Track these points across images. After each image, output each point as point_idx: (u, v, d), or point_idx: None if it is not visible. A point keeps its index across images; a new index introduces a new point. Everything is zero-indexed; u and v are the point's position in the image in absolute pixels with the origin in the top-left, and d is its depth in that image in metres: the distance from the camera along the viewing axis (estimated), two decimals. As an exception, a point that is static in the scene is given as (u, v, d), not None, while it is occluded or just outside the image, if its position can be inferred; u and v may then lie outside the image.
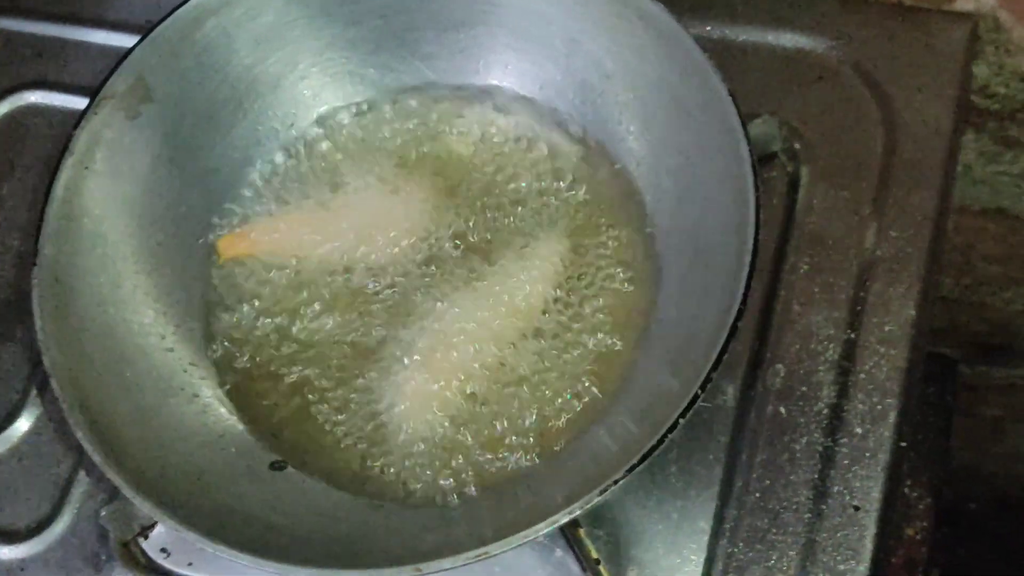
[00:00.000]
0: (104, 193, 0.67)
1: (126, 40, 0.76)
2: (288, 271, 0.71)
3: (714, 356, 0.56)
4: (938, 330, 1.14)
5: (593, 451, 0.62)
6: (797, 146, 0.75)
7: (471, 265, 0.69)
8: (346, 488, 0.65)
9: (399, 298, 0.69)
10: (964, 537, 1.46)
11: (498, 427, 0.65)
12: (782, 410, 0.69)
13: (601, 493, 0.55)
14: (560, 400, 0.65)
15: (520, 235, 0.70)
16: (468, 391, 0.66)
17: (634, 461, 0.55)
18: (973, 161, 0.92)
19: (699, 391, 0.56)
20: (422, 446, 0.65)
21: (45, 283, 0.63)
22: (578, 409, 0.65)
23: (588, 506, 0.54)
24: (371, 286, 0.69)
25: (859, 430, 0.68)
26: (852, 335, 0.70)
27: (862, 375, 0.69)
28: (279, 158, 0.74)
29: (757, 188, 0.59)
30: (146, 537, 0.71)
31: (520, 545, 0.54)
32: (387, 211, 0.71)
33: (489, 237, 0.70)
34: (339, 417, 0.67)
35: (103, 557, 0.71)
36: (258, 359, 0.69)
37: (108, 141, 0.67)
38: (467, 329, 0.67)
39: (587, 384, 0.65)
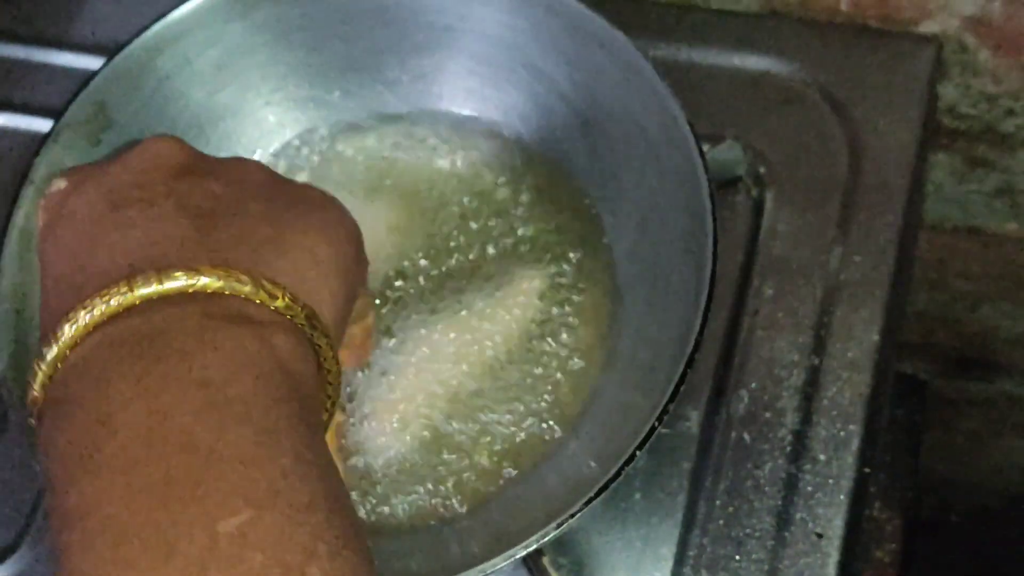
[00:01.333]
0: (64, 222, 0.66)
1: (92, 62, 0.75)
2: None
3: (671, 388, 0.56)
4: (914, 345, 1.14)
5: (551, 484, 0.62)
6: (762, 170, 0.75)
7: (436, 294, 0.69)
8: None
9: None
10: (944, 548, 1.46)
11: (453, 463, 0.65)
12: (746, 436, 0.69)
13: (558, 527, 0.54)
14: (519, 430, 0.65)
15: (485, 264, 0.69)
16: (421, 428, 0.65)
17: (591, 495, 0.55)
18: (944, 180, 0.92)
19: (656, 423, 0.55)
20: (373, 478, 0.65)
21: (6, 313, 0.63)
22: (536, 440, 0.65)
23: (545, 540, 0.54)
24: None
25: (823, 456, 0.68)
26: (816, 361, 0.70)
27: (825, 401, 0.69)
28: (241, 185, 0.73)
29: (715, 219, 0.59)
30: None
31: (479, 577, 0.54)
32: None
33: (454, 265, 0.69)
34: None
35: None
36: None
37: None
38: (429, 360, 0.66)
39: (546, 414, 0.65)
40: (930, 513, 1.47)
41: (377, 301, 0.68)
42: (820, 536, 0.66)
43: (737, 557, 0.66)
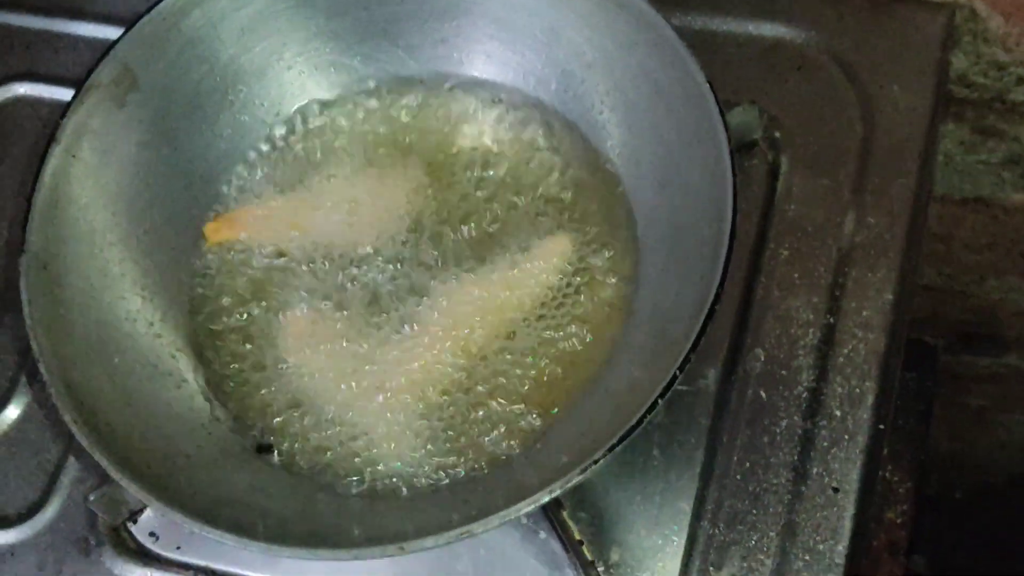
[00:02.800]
0: (91, 181, 0.68)
1: (114, 32, 0.76)
2: (273, 258, 0.72)
3: (693, 337, 0.57)
4: (921, 319, 1.15)
5: (573, 434, 0.63)
6: (777, 134, 0.76)
7: (458, 256, 0.70)
8: (327, 474, 0.66)
9: (384, 286, 0.70)
10: (949, 525, 1.47)
11: (481, 412, 0.66)
12: (762, 394, 0.70)
13: (581, 472, 0.55)
14: (541, 386, 0.66)
15: (507, 225, 0.70)
16: (451, 378, 0.67)
17: (613, 442, 0.56)
18: (953, 150, 0.93)
19: (678, 372, 0.56)
20: (407, 432, 0.66)
21: (32, 270, 0.64)
22: (561, 396, 0.66)
23: (569, 485, 0.55)
24: (355, 273, 0.70)
25: (838, 412, 0.69)
26: (831, 320, 0.71)
27: (841, 359, 0.70)
28: (265, 146, 0.74)
29: (735, 174, 0.60)
30: (135, 521, 0.72)
31: (502, 524, 0.55)
32: (371, 200, 0.72)
33: (473, 228, 0.70)
34: (321, 403, 0.67)
35: (92, 542, 0.72)
36: (240, 347, 0.69)
37: (95, 130, 0.68)
38: (453, 318, 0.67)
39: (567, 369, 0.66)
40: (934, 491, 1.48)
41: (404, 265, 0.69)
42: (836, 490, 0.67)
43: (754, 511, 0.67)
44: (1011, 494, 1.46)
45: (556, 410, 0.65)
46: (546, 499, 0.55)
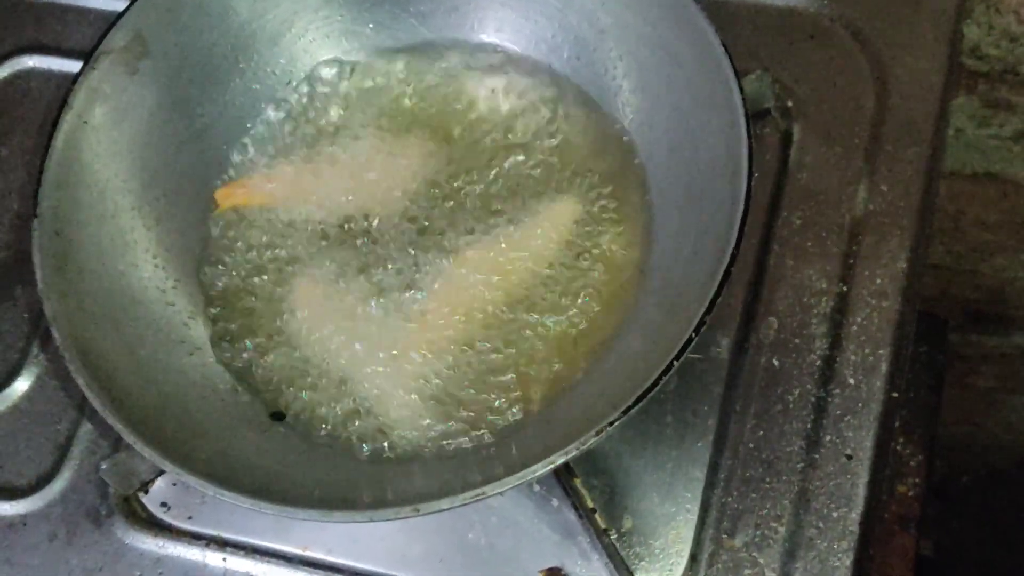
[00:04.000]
0: (103, 147, 0.68)
1: (122, 4, 0.76)
2: (283, 225, 0.71)
3: (708, 298, 0.56)
4: (930, 298, 1.15)
5: (587, 398, 0.63)
6: (789, 103, 0.75)
7: (472, 218, 0.70)
8: (339, 440, 0.66)
9: (394, 253, 0.69)
10: (956, 510, 1.47)
11: (492, 377, 0.65)
12: (775, 362, 0.69)
13: (597, 434, 0.55)
14: (554, 350, 0.66)
15: (520, 189, 0.70)
16: (462, 344, 0.66)
17: (629, 403, 0.56)
18: (964, 124, 0.93)
19: (693, 334, 0.56)
20: (418, 397, 0.66)
21: (45, 235, 0.64)
22: (575, 360, 0.65)
23: (584, 447, 0.55)
24: (365, 239, 0.70)
25: (851, 381, 0.68)
26: (844, 288, 0.70)
27: (854, 327, 0.70)
28: (277, 113, 0.74)
29: (750, 136, 0.60)
30: (146, 491, 0.72)
31: (517, 486, 0.55)
32: (383, 165, 0.72)
33: (489, 190, 0.70)
34: (332, 370, 0.67)
35: (103, 512, 0.72)
36: (252, 314, 0.69)
37: (106, 96, 0.68)
38: (464, 283, 0.67)
39: (582, 333, 0.66)
40: (941, 474, 1.48)
41: (416, 229, 0.69)
42: (850, 458, 0.67)
43: (767, 479, 0.67)
44: (1019, 478, 1.46)
45: (569, 374, 0.65)
46: (561, 460, 0.55)
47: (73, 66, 0.84)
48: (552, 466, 0.55)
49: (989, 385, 1.32)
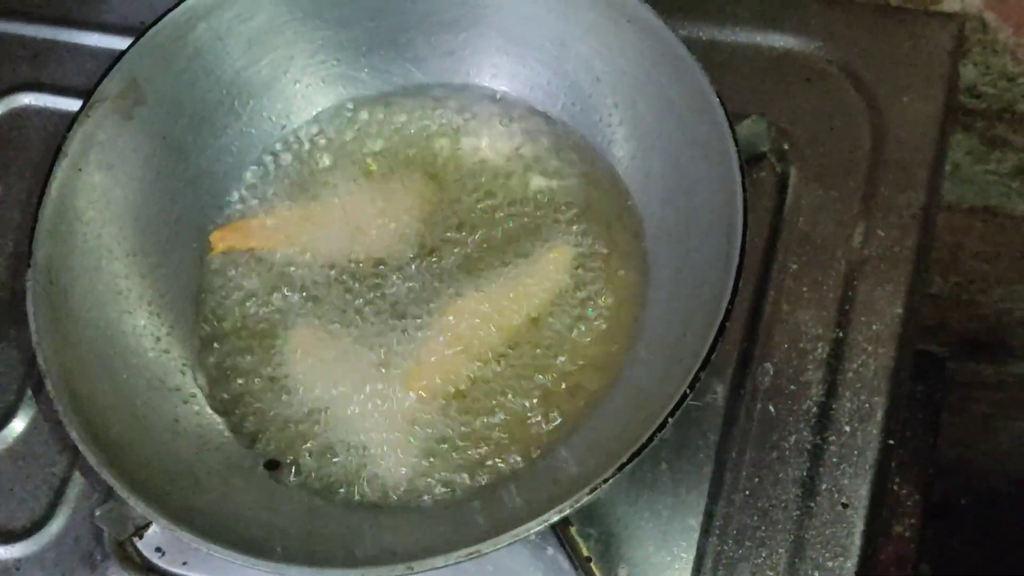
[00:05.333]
0: (98, 195, 0.68)
1: (120, 43, 0.76)
2: (279, 270, 0.71)
3: (703, 355, 0.56)
4: (927, 328, 1.15)
5: (582, 450, 0.62)
6: (786, 146, 0.75)
7: (464, 267, 0.70)
8: (335, 489, 0.66)
9: (390, 298, 0.69)
10: (955, 532, 1.47)
11: (488, 426, 0.65)
12: (771, 408, 0.69)
13: (591, 492, 0.55)
14: (549, 400, 0.66)
15: (513, 237, 0.70)
16: (453, 395, 0.66)
17: (623, 460, 0.56)
18: (961, 160, 0.93)
19: (688, 390, 0.56)
20: (414, 446, 0.66)
21: (39, 285, 0.64)
22: (568, 410, 0.65)
23: (578, 505, 0.55)
24: (361, 285, 0.70)
25: (847, 428, 0.68)
26: (840, 334, 0.70)
27: (850, 373, 0.69)
28: (272, 159, 0.74)
29: (744, 188, 0.60)
30: (141, 536, 0.71)
31: (511, 543, 0.55)
32: (378, 212, 0.72)
33: (481, 238, 0.70)
34: (328, 418, 0.67)
35: (98, 557, 0.71)
36: (247, 361, 0.69)
37: (101, 143, 0.68)
38: (458, 331, 0.67)
39: (577, 385, 0.66)
40: (939, 497, 1.48)
41: (410, 275, 0.69)
42: (845, 506, 0.67)
43: (763, 527, 0.67)
44: (1016, 501, 1.46)
45: (563, 425, 0.65)
46: (556, 518, 0.55)
47: (69, 104, 0.85)
48: (548, 523, 0.55)
49: (987, 411, 1.32)
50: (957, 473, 1.48)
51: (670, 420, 0.56)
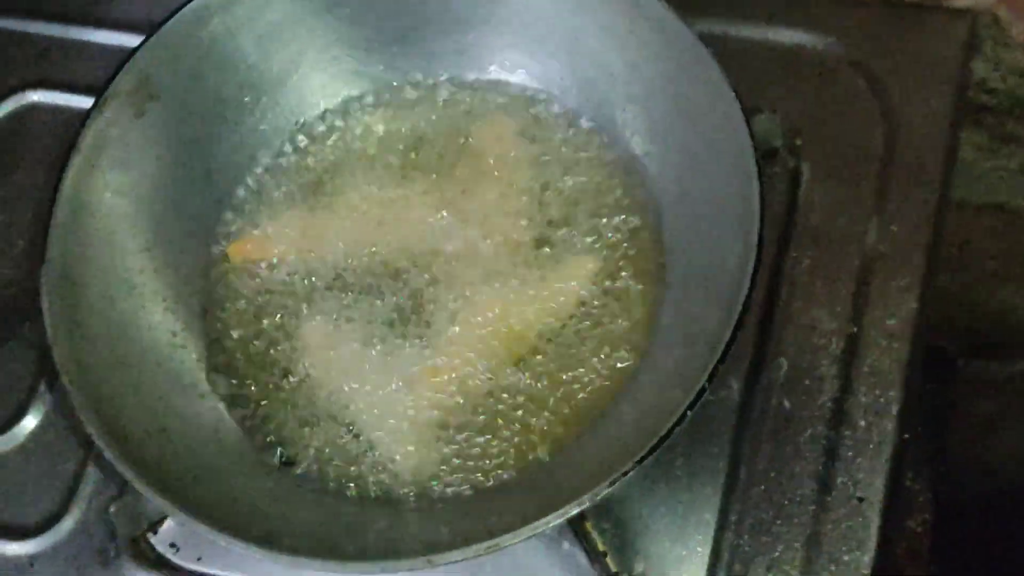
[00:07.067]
0: (111, 191, 0.67)
1: (129, 40, 0.76)
2: (294, 267, 0.71)
3: (721, 348, 0.56)
4: (934, 325, 1.14)
5: (601, 445, 0.62)
6: (798, 142, 0.75)
7: (479, 267, 0.69)
8: (351, 485, 0.66)
9: (408, 297, 0.69)
10: (960, 533, 1.46)
11: (504, 423, 0.65)
12: (786, 403, 0.69)
13: (611, 484, 0.55)
14: (568, 397, 0.65)
15: (531, 237, 0.70)
16: (474, 390, 0.66)
17: (642, 453, 0.55)
18: (971, 156, 0.92)
19: (706, 383, 0.56)
20: (430, 443, 0.66)
21: (53, 280, 0.64)
22: (586, 408, 0.65)
23: (598, 497, 0.55)
24: (378, 283, 0.70)
25: (862, 423, 0.68)
26: (854, 329, 0.70)
27: (865, 368, 0.69)
28: (286, 155, 0.74)
29: (761, 183, 0.59)
30: (155, 532, 0.71)
31: (531, 537, 0.55)
32: (392, 210, 0.71)
33: (496, 239, 0.70)
34: (344, 415, 0.67)
35: (112, 553, 0.71)
36: (262, 358, 0.69)
37: (114, 139, 0.67)
38: (477, 330, 0.67)
39: (594, 381, 0.66)
40: (945, 499, 1.47)
41: (426, 276, 0.69)
42: (861, 500, 0.67)
43: (779, 521, 0.67)
44: (1021, 502, 1.46)
45: (581, 422, 0.65)
46: (574, 512, 0.55)
47: (78, 101, 0.85)
48: (566, 516, 0.55)
49: (993, 410, 1.32)
50: (963, 474, 1.48)
51: (688, 413, 0.56)
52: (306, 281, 0.71)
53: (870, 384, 0.69)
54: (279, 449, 0.67)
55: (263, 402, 0.68)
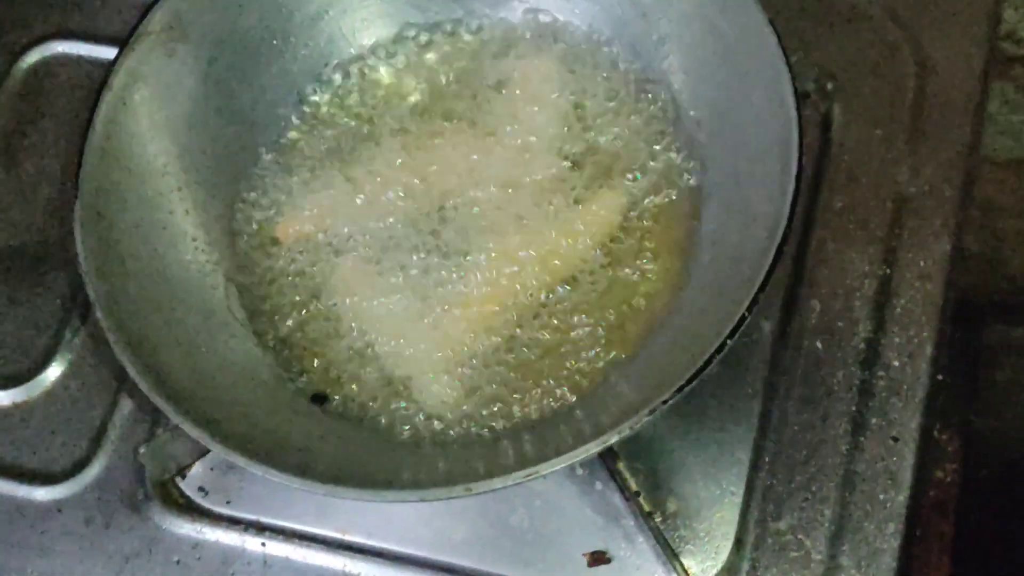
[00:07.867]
0: (142, 129, 0.67)
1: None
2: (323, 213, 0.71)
3: (761, 277, 0.56)
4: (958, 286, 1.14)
5: (636, 379, 0.62)
6: (829, 86, 0.75)
7: (511, 206, 0.69)
8: (383, 421, 0.65)
9: (439, 236, 0.69)
10: (975, 504, 1.46)
11: (538, 364, 0.65)
12: (819, 345, 0.69)
13: (651, 412, 0.55)
14: (601, 333, 0.65)
15: (560, 175, 0.69)
16: (508, 328, 0.66)
17: (681, 382, 0.55)
18: (996, 110, 0.92)
19: (746, 312, 0.56)
20: (463, 380, 0.65)
21: (87, 216, 0.63)
22: (621, 342, 0.65)
23: (638, 426, 0.55)
24: (411, 222, 0.69)
25: (896, 363, 0.68)
26: (887, 271, 0.70)
27: (898, 309, 0.69)
28: (317, 96, 0.74)
29: (799, 111, 0.59)
30: (183, 476, 0.71)
31: (570, 464, 0.55)
32: (425, 155, 0.71)
33: (535, 177, 0.69)
34: (376, 352, 0.67)
35: (140, 497, 0.71)
36: (294, 297, 0.69)
37: (145, 78, 0.67)
38: (509, 266, 0.67)
39: (629, 315, 0.65)
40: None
41: (460, 215, 0.69)
42: (896, 440, 0.66)
43: (812, 461, 0.67)
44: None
45: (616, 357, 0.64)
46: (615, 439, 0.55)
47: (102, 51, 0.85)
48: (607, 444, 0.55)
49: (1010, 378, 1.31)
50: (978, 445, 1.47)
51: (729, 342, 0.55)
52: (339, 222, 0.70)
53: (903, 325, 0.69)
54: (312, 386, 0.66)
55: (295, 341, 0.68)
